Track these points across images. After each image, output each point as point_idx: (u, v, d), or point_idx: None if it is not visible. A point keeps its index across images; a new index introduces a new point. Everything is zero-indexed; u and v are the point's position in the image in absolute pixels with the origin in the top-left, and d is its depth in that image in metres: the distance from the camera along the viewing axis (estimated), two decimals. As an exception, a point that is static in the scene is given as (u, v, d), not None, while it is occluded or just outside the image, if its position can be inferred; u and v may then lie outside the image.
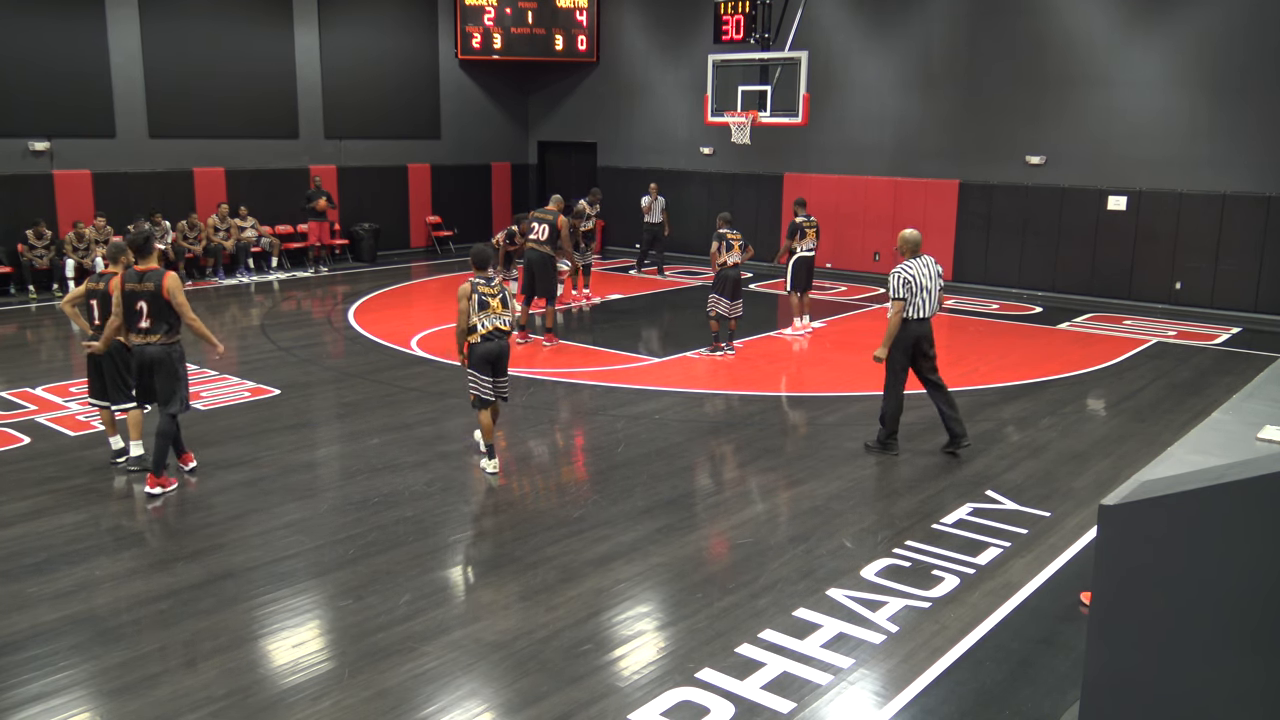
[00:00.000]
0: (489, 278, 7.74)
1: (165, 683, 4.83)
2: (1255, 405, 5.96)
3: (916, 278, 7.98)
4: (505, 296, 7.72)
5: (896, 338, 8.12)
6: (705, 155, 20.17)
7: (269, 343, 12.47)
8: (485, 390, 7.73)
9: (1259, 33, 14.35)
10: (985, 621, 5.51)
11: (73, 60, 16.05)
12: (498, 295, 7.67)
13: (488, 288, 7.67)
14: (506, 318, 7.72)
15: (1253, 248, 14.81)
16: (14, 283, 15.46)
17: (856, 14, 18.01)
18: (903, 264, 8.08)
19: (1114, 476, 7.77)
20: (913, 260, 8.07)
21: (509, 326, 7.74)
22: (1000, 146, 16.76)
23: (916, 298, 7.99)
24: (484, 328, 7.63)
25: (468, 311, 7.61)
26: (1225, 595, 2.87)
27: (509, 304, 7.74)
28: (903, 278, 7.99)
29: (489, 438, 7.85)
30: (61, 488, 7.41)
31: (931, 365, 8.27)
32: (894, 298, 8.02)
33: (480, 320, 7.63)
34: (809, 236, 13.00)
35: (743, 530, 6.79)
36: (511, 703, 4.71)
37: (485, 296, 7.65)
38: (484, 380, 7.71)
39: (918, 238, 8.14)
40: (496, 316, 7.65)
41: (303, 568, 6.13)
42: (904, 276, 7.98)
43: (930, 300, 8.04)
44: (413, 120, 20.85)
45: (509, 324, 7.74)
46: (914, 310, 8.03)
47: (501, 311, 7.68)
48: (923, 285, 8.01)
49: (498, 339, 7.68)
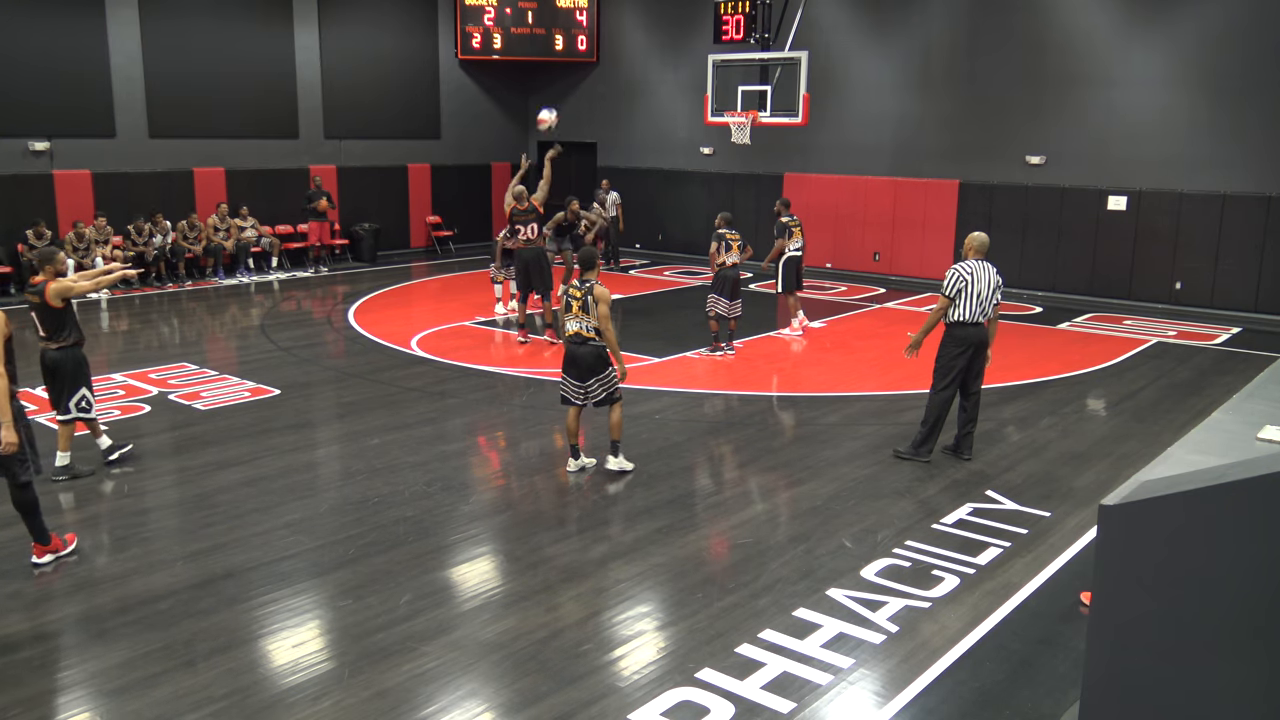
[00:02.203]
0: (584, 280, 7.60)
1: (165, 683, 4.83)
2: (1255, 405, 5.96)
3: (971, 279, 7.85)
4: (587, 301, 7.49)
5: (955, 337, 7.96)
6: (705, 155, 20.18)
7: (269, 343, 12.47)
8: (566, 390, 7.70)
9: (1259, 33, 14.35)
10: (985, 621, 5.51)
11: (73, 60, 16.05)
12: (580, 300, 7.50)
13: (576, 291, 7.56)
14: (586, 323, 7.50)
15: (1253, 248, 14.81)
16: (14, 283, 15.45)
17: (856, 14, 18.01)
18: (962, 262, 7.99)
19: (1114, 476, 7.77)
20: (973, 262, 7.95)
21: (590, 333, 7.51)
22: (1000, 146, 16.76)
23: (969, 299, 7.86)
24: (567, 330, 7.62)
25: (561, 310, 7.72)
26: (1225, 595, 2.87)
27: (590, 310, 7.49)
28: (959, 274, 7.88)
29: (571, 438, 7.79)
30: (61, 488, 7.41)
31: (978, 373, 8.12)
32: (943, 294, 7.94)
33: (566, 322, 7.61)
34: (796, 235, 13.04)
35: (743, 530, 6.79)
36: (511, 703, 4.71)
37: (570, 299, 7.58)
38: (567, 380, 7.67)
39: (985, 241, 8.08)
40: (576, 321, 7.53)
41: (303, 568, 6.13)
42: (960, 274, 7.88)
43: (980, 304, 7.87)
44: (412, 120, 20.85)
45: (588, 329, 7.51)
46: (962, 312, 7.89)
47: (580, 316, 7.50)
48: (976, 289, 7.86)
49: (575, 344, 7.56)
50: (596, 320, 7.47)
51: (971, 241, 8.09)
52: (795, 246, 12.97)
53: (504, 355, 11.88)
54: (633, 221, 21.27)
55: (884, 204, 18.01)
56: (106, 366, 11.11)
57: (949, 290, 7.91)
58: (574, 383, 7.62)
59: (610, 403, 7.70)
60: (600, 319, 7.46)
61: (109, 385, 10.26)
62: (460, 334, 13.01)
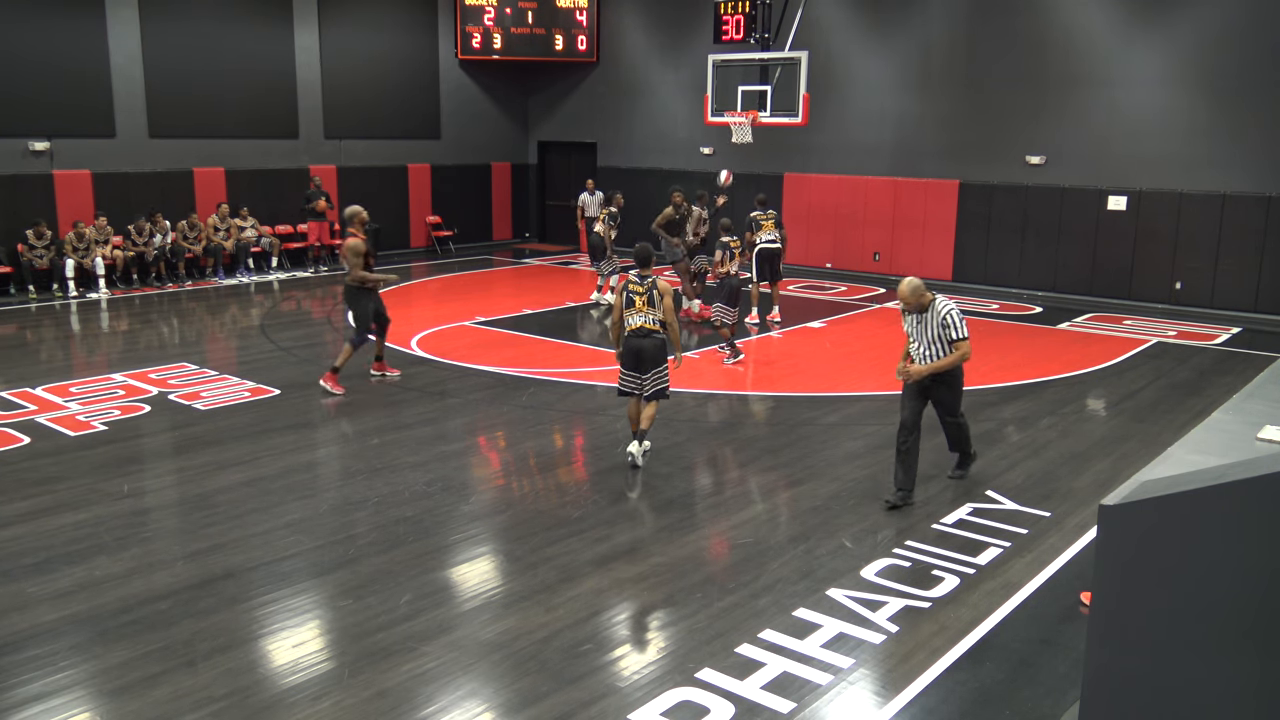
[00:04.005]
0: (643, 275, 7.89)
1: (165, 683, 4.83)
2: (1255, 405, 5.97)
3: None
4: (653, 295, 7.79)
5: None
6: (705, 155, 20.17)
7: (269, 343, 12.47)
8: (626, 385, 7.94)
9: (1258, 33, 14.35)
10: (985, 621, 5.51)
11: (73, 60, 16.05)
12: (644, 294, 7.79)
13: (637, 286, 7.83)
14: (652, 316, 7.79)
15: (1253, 248, 14.80)
16: (14, 283, 15.45)
17: (856, 14, 18.00)
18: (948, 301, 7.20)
19: (1114, 476, 7.77)
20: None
21: (655, 325, 7.80)
22: (1000, 146, 16.76)
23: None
24: (629, 325, 7.82)
25: (619, 307, 7.88)
26: (1225, 595, 2.87)
27: (655, 303, 7.79)
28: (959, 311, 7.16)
29: (633, 426, 7.99)
30: (61, 488, 7.41)
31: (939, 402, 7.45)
32: (962, 336, 7.03)
33: (627, 317, 7.82)
34: (766, 228, 13.38)
35: (743, 530, 6.79)
36: (511, 703, 4.71)
37: (632, 294, 7.82)
38: (627, 374, 7.89)
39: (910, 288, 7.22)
40: (640, 315, 7.79)
41: (303, 568, 6.13)
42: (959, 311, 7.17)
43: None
44: (412, 120, 20.84)
45: (654, 322, 7.80)
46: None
47: (646, 310, 7.78)
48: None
49: (638, 337, 7.79)
50: (662, 313, 7.82)
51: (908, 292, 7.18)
52: (767, 239, 13.36)
53: (504, 355, 11.87)
54: (633, 221, 21.27)
55: (884, 204, 18.01)
56: (107, 366, 11.11)
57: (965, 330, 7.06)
58: (633, 376, 7.89)
59: (658, 398, 7.95)
60: (665, 311, 7.83)
61: (109, 385, 10.26)
62: (461, 334, 13.02)
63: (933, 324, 7.08)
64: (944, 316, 7.06)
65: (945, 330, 7.06)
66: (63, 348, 12.62)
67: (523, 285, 17.51)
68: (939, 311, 7.08)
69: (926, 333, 7.13)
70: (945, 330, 7.06)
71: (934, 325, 7.08)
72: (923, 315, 7.14)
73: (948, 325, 7.05)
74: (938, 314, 7.07)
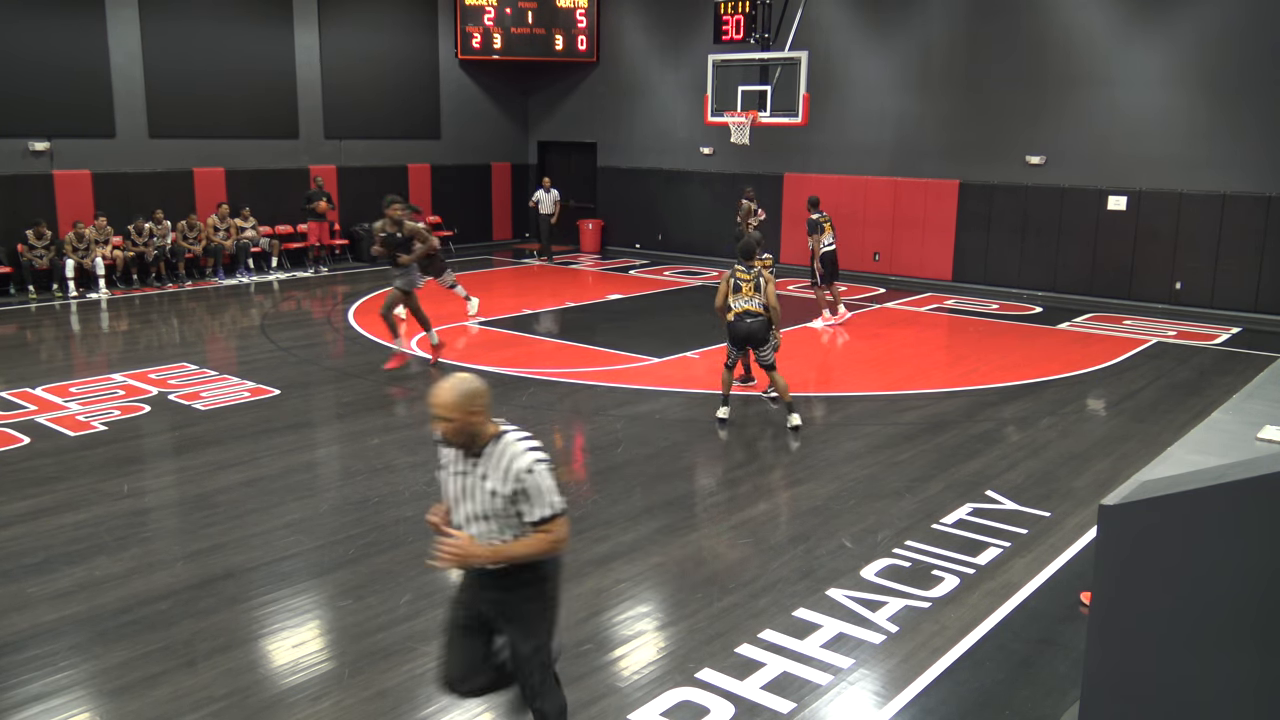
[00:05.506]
0: (749, 265, 8.74)
1: (165, 683, 4.83)
2: (1255, 405, 5.97)
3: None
4: (759, 282, 8.64)
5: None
6: (705, 155, 20.17)
7: (269, 343, 12.47)
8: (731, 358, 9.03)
9: (1258, 33, 14.35)
10: (985, 621, 5.51)
11: (73, 60, 16.05)
12: (751, 281, 8.65)
13: (745, 274, 8.70)
14: (757, 300, 8.63)
15: (1253, 248, 14.80)
16: (14, 283, 15.45)
17: (856, 14, 18.00)
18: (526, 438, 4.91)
19: (1114, 476, 7.76)
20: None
21: (759, 309, 8.64)
22: (1000, 146, 16.76)
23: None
24: (735, 309, 8.70)
25: (724, 293, 8.76)
26: (1225, 595, 2.87)
27: (760, 289, 8.63)
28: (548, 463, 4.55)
29: (725, 389, 9.06)
30: (61, 488, 7.41)
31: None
32: (556, 513, 3.73)
33: (733, 302, 8.70)
34: (827, 231, 13.61)
35: (743, 530, 6.79)
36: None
37: (739, 281, 8.71)
38: (735, 354, 8.97)
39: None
40: (746, 300, 8.65)
41: (303, 568, 6.13)
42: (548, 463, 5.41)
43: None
44: (412, 120, 20.84)
45: (759, 305, 8.64)
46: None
47: (752, 295, 8.64)
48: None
49: (745, 320, 8.68)
50: (766, 298, 8.69)
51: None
52: (828, 242, 13.56)
53: (504, 355, 11.87)
54: (633, 221, 21.28)
55: (884, 204, 18.01)
56: (107, 367, 11.11)
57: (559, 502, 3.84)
58: (738, 353, 9.00)
59: (771, 368, 8.84)
60: (768, 296, 8.69)
61: (109, 385, 10.26)
62: (460, 334, 13.01)
63: (498, 475, 3.71)
64: (522, 470, 3.67)
65: (520, 496, 3.70)
66: (63, 348, 12.62)
67: (523, 285, 17.50)
68: (511, 456, 3.69)
69: (480, 489, 3.80)
70: (520, 496, 3.70)
71: (501, 478, 3.70)
72: (476, 459, 3.77)
73: (528, 491, 3.68)
74: (509, 461, 3.69)
